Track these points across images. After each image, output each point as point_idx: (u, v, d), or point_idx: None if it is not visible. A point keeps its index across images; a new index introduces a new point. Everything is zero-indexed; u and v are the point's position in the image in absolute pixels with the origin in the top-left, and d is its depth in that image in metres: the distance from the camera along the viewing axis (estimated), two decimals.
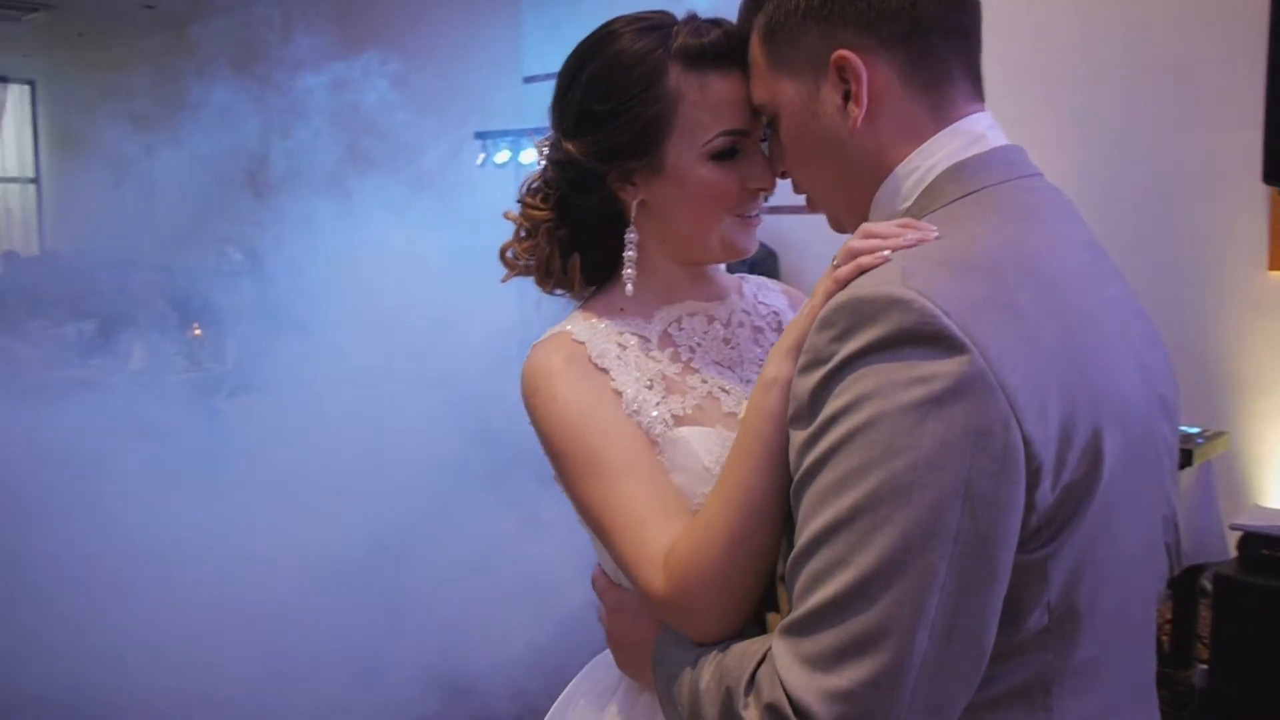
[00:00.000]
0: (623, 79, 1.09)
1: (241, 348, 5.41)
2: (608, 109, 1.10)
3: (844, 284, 0.82)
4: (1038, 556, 0.76)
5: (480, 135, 6.04)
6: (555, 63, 1.17)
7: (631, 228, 1.15)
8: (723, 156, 1.09)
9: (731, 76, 1.07)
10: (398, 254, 4.55)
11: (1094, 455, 0.77)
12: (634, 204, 1.14)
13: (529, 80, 6.30)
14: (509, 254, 1.23)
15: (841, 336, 0.77)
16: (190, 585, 3.40)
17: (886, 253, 0.81)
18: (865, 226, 0.87)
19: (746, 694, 0.80)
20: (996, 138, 0.90)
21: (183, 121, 5.93)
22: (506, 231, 1.25)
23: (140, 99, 6.77)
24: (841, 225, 0.99)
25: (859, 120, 0.88)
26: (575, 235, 1.19)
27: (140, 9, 8.56)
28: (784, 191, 1.07)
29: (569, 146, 1.13)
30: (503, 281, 1.26)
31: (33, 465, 3.75)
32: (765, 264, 5.06)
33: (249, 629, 3.31)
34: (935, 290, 0.75)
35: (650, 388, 1.11)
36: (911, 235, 0.83)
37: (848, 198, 0.95)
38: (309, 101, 5.44)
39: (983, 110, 0.91)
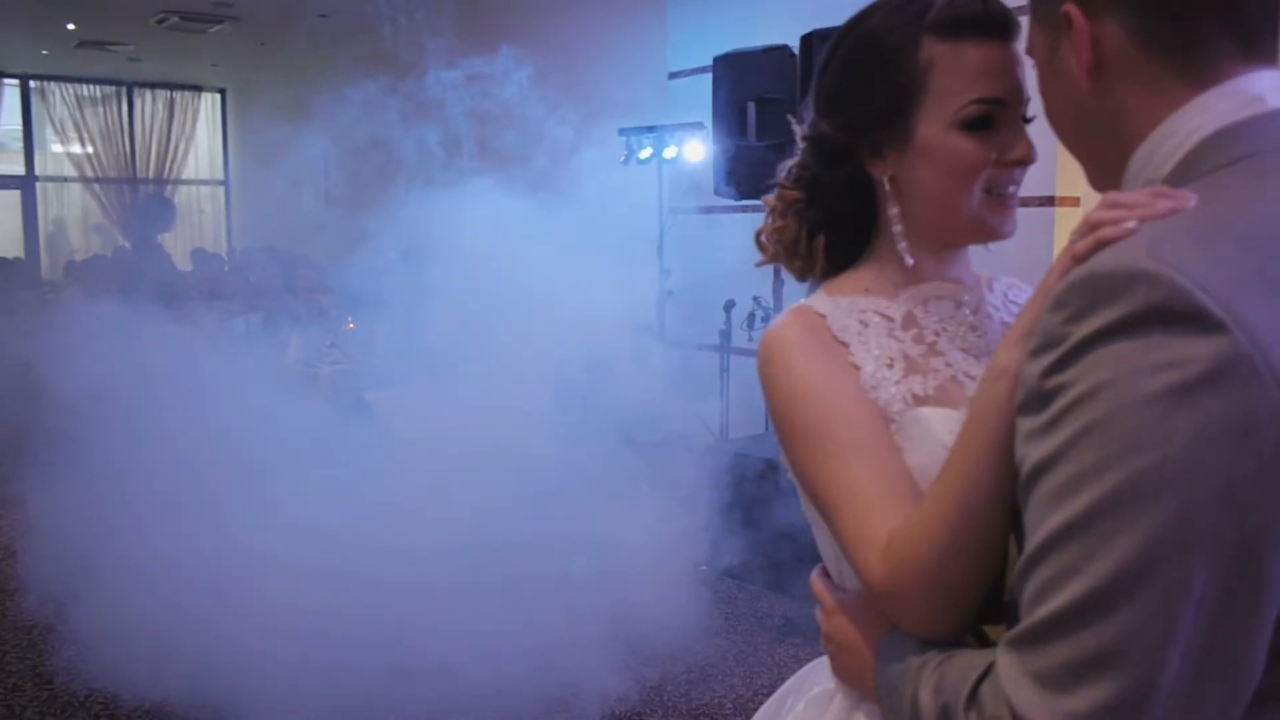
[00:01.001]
0: (873, 52, 1.07)
1: (389, 340, 5.62)
2: (858, 83, 1.09)
3: (1082, 259, 0.73)
4: None
5: (624, 132, 6.07)
6: (700, 59, 1.17)
7: (892, 201, 1.11)
8: (975, 126, 1.04)
9: (989, 45, 1.03)
10: (542, 248, 4.63)
11: None
12: (885, 179, 1.10)
13: (674, 76, 6.30)
14: (762, 237, 1.22)
15: (1076, 316, 0.68)
16: (344, 570, 3.52)
17: (1131, 224, 0.72)
18: (1109, 195, 0.78)
19: (967, 710, 0.75)
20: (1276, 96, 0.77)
21: (351, 124, 6.20)
22: (647, 225, 1.26)
23: (315, 104, 7.10)
24: (1102, 188, 0.90)
25: (1083, 79, 0.81)
26: (823, 215, 1.17)
27: (315, 18, 9.00)
28: None
29: (823, 125, 1.13)
30: (757, 266, 1.25)
31: (199, 456, 3.97)
32: None
33: (413, 611, 3.42)
34: (1189, 262, 0.66)
35: (890, 366, 1.07)
36: (1164, 204, 0.73)
37: (1097, 162, 0.88)
38: (464, 101, 5.60)
39: (1264, 70, 0.78)
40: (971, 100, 1.03)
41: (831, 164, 1.13)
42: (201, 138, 13.60)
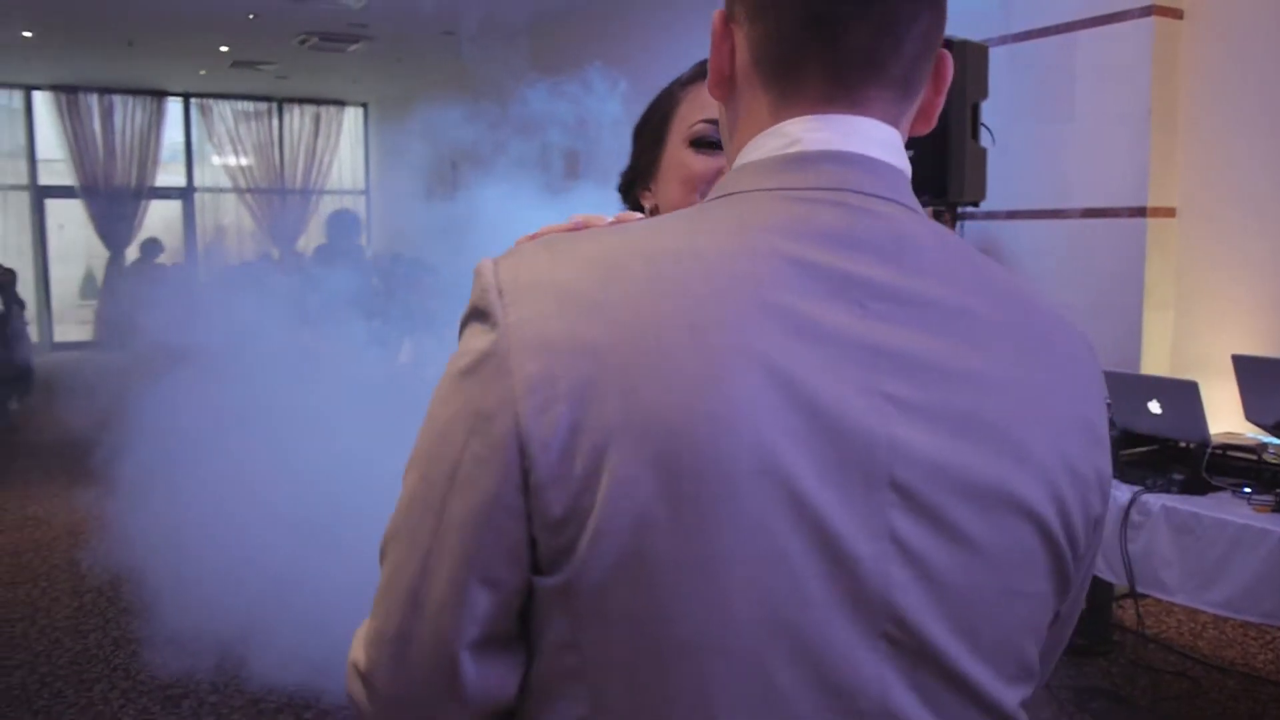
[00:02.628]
0: (651, 107, 1.30)
1: None
2: (639, 130, 1.30)
3: None
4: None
5: None
6: None
7: None
8: (702, 144, 1.18)
9: None
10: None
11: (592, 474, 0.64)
12: (649, 207, 1.27)
13: None
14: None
15: None
16: None
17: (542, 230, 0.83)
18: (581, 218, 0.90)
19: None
20: (819, 141, 0.72)
21: (476, 135, 6.49)
22: None
23: (442, 116, 7.44)
24: None
25: (715, 89, 0.78)
26: None
27: (442, 35, 9.44)
28: (998, 196, 1.11)
29: (626, 169, 1.34)
30: None
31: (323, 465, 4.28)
32: None
33: None
34: (512, 269, 0.69)
35: None
36: (577, 221, 0.86)
37: (729, 156, 0.82)
38: (571, 116, 5.82)
39: (835, 114, 0.73)
40: (699, 120, 1.19)
41: (625, 198, 1.33)
42: (345, 150, 14.35)
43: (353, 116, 14.36)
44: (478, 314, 0.69)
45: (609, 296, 0.66)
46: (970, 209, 4.83)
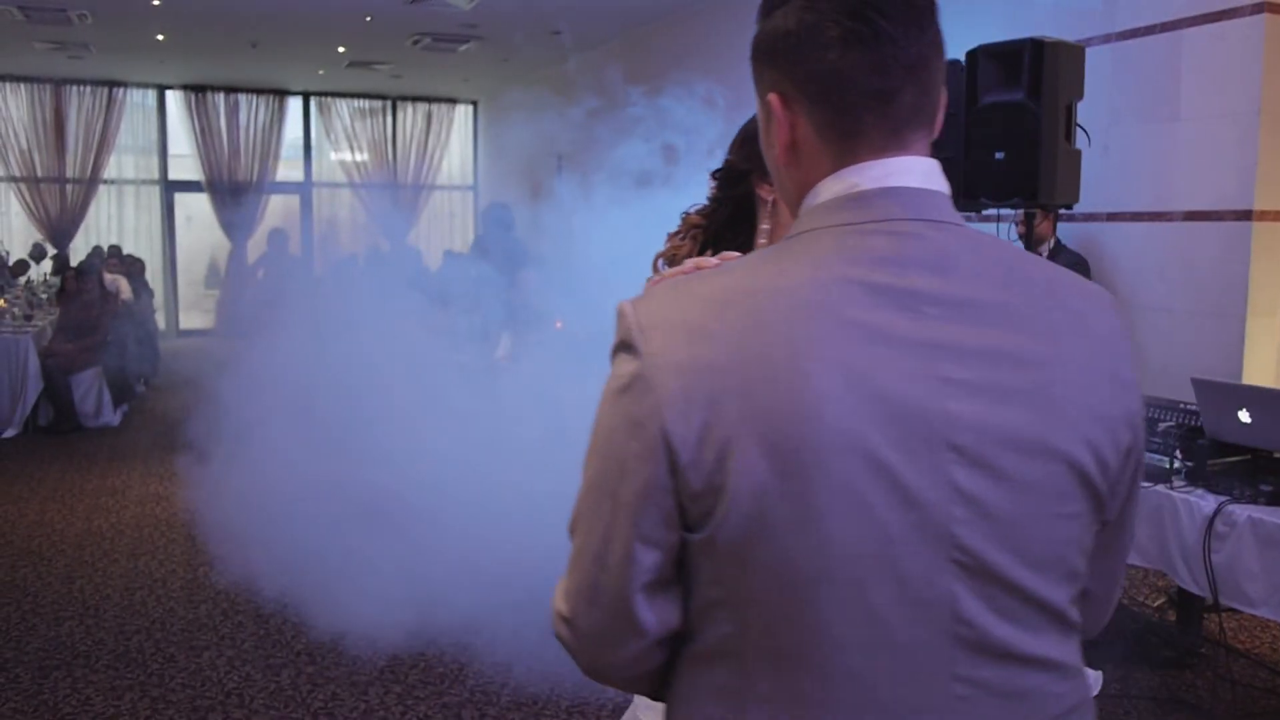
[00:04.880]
0: None
1: (592, 339, 5.99)
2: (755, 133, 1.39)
3: None
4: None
5: None
6: None
7: (765, 219, 1.39)
8: None
9: None
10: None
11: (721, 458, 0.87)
12: (769, 200, 1.37)
13: None
14: (659, 261, 1.52)
15: None
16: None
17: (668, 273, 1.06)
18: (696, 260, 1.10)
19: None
20: (873, 181, 0.93)
21: (579, 132, 6.62)
22: None
23: (549, 114, 7.60)
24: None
25: (780, 156, 0.98)
26: (710, 236, 1.47)
27: (549, 35, 9.62)
28: (1098, 198, 1.18)
29: (731, 157, 1.43)
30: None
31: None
32: (1075, 269, 4.75)
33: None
34: (646, 308, 0.93)
35: None
36: (689, 266, 1.08)
37: (790, 205, 1.04)
38: (686, 113, 5.90)
39: (886, 159, 0.93)
40: None
41: (731, 186, 1.40)
42: (455, 146, 14.71)
43: (463, 114, 14.71)
44: (624, 346, 0.91)
45: (722, 328, 0.88)
46: (1067, 211, 4.75)
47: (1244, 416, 3.07)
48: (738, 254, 1.08)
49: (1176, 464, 3.24)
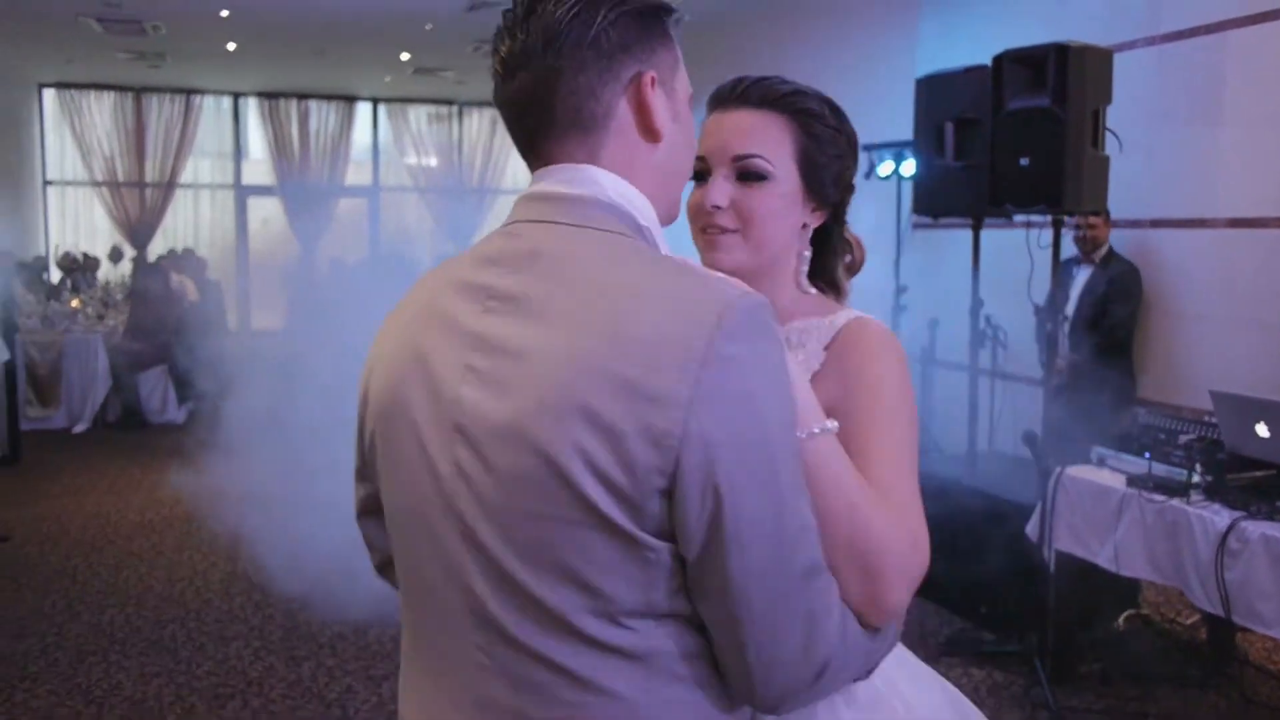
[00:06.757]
0: None
1: None
2: None
3: None
4: None
5: (865, 148, 6.14)
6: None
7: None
8: (696, 178, 1.25)
9: (723, 113, 1.28)
10: None
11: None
12: None
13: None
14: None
15: None
16: None
17: None
18: None
19: None
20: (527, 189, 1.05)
21: None
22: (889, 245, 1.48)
23: None
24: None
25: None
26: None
27: None
28: (1151, 204, 1.11)
29: None
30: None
31: None
32: (1126, 277, 4.63)
33: None
34: None
35: None
36: None
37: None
38: None
39: (537, 170, 1.04)
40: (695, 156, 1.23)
41: None
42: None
43: None
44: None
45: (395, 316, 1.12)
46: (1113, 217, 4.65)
47: (1262, 430, 2.98)
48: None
49: (1195, 478, 3.15)
